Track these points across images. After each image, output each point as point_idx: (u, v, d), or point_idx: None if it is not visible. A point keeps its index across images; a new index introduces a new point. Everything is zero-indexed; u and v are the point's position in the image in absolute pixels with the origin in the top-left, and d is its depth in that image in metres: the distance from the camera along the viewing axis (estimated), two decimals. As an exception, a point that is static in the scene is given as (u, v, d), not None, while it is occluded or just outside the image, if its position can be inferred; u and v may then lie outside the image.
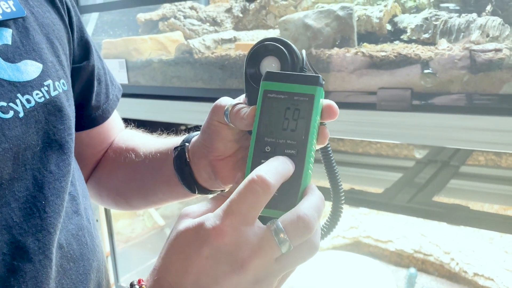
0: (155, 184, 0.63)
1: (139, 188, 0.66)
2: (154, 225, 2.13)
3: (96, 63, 0.66)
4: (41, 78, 0.49)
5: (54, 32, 0.55)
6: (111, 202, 0.72)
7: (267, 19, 1.32)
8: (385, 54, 0.87)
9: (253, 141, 0.42)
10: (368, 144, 1.66)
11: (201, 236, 0.38)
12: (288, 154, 0.41)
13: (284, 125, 0.42)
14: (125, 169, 0.68)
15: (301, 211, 0.38)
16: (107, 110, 0.69)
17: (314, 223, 0.38)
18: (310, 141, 0.41)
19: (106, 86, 0.70)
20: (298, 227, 0.37)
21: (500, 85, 0.78)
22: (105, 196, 0.72)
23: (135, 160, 0.65)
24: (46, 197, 0.48)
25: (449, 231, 1.68)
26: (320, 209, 0.39)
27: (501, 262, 1.53)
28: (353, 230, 1.87)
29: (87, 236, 0.55)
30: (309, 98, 0.41)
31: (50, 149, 0.50)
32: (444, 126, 0.81)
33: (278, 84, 0.42)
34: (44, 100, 0.49)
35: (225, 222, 0.37)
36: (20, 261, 0.45)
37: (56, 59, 0.54)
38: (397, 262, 1.80)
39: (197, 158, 0.55)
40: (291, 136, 0.41)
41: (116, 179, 0.69)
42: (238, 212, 0.37)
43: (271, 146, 0.42)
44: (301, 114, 0.41)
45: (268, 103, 0.42)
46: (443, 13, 0.91)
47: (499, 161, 1.46)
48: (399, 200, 0.99)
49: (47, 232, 0.47)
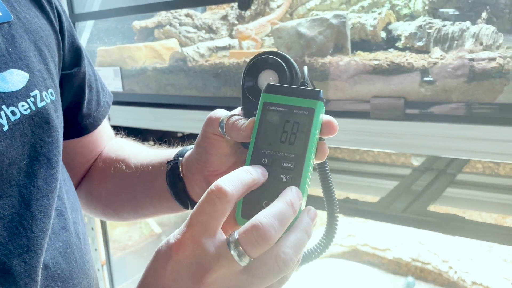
0: (146, 197, 0.62)
1: (129, 200, 0.64)
2: (151, 233, 2.12)
3: (87, 69, 0.64)
4: (27, 88, 0.47)
5: (43, 39, 0.53)
6: (100, 213, 0.70)
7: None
8: (378, 63, 0.86)
9: (250, 153, 0.42)
10: (365, 151, 1.65)
11: (165, 251, 0.37)
12: (285, 167, 0.40)
13: (283, 138, 0.41)
14: (115, 180, 0.66)
15: (256, 219, 0.35)
16: (98, 118, 0.67)
17: (270, 232, 0.35)
18: (308, 155, 0.40)
19: (97, 93, 0.67)
20: (252, 237, 0.35)
21: (493, 94, 0.77)
22: (93, 207, 0.70)
23: (125, 172, 0.64)
24: (33, 215, 0.45)
25: (447, 240, 1.67)
26: (284, 216, 0.36)
27: (499, 271, 1.51)
28: (351, 238, 1.86)
29: (76, 253, 0.53)
30: (309, 112, 0.41)
31: (38, 163, 0.47)
32: (437, 136, 0.80)
33: (278, 97, 0.42)
34: (30, 112, 0.46)
35: (185, 235, 0.36)
36: (5, 285, 0.42)
37: (45, 67, 0.52)
38: (395, 271, 1.79)
39: (191, 173, 0.53)
40: (289, 149, 0.41)
41: (105, 190, 0.67)
42: (197, 223, 0.36)
43: (268, 159, 0.41)
44: (300, 128, 0.41)
45: (268, 115, 0.42)
46: (437, 21, 0.90)
47: (497, 168, 1.45)
48: (395, 209, 0.98)
49: (34, 253, 0.44)
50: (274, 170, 0.40)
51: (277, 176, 0.40)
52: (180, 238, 0.36)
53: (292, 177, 0.40)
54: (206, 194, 0.36)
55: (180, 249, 0.36)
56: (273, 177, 0.40)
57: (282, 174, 0.40)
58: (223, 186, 0.36)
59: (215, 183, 0.36)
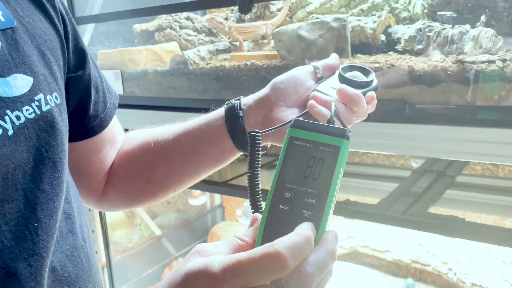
0: (196, 149, 0.66)
1: (182, 164, 0.68)
2: (151, 235, 2.12)
3: (92, 71, 0.65)
4: (31, 92, 0.47)
5: (46, 43, 0.53)
6: (140, 197, 0.73)
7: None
8: (379, 66, 0.87)
9: (273, 186, 0.42)
10: (365, 153, 1.65)
11: (200, 279, 0.36)
12: (307, 202, 0.41)
13: (307, 173, 0.41)
14: (154, 155, 0.69)
15: (303, 268, 0.36)
16: (105, 119, 0.68)
17: (313, 280, 0.36)
18: (331, 192, 0.40)
19: (104, 94, 0.68)
20: (299, 284, 0.35)
21: (493, 97, 0.78)
22: (131, 198, 0.73)
23: (165, 142, 0.67)
24: (39, 218, 0.45)
25: (447, 241, 1.68)
26: (325, 264, 0.37)
27: (498, 272, 1.52)
28: (351, 240, 1.86)
29: (82, 257, 0.53)
30: (334, 150, 0.41)
31: (43, 167, 0.47)
32: (437, 138, 0.80)
33: (305, 133, 0.43)
34: (35, 116, 0.47)
35: (227, 276, 0.35)
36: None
37: (48, 71, 0.52)
38: (395, 272, 1.79)
39: (249, 107, 0.62)
40: (312, 185, 0.41)
41: (146, 167, 0.70)
42: (244, 276, 0.35)
43: (291, 192, 0.41)
44: (324, 164, 0.41)
45: (293, 149, 0.43)
46: (436, 24, 0.91)
47: (496, 170, 1.46)
48: (395, 211, 0.98)
49: (40, 257, 0.45)
50: (296, 205, 0.41)
51: (299, 211, 0.40)
52: (221, 276, 0.35)
53: (314, 213, 0.40)
54: (265, 254, 0.35)
55: (217, 284, 0.35)
56: (295, 211, 0.40)
57: (304, 209, 0.40)
58: (288, 259, 0.35)
59: (280, 251, 0.35)
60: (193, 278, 0.37)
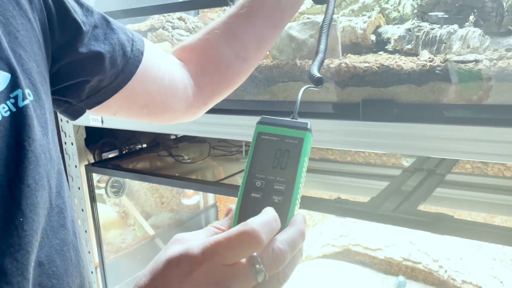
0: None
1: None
2: (145, 235, 2.12)
3: (93, 31, 0.64)
4: (8, 90, 0.46)
5: (17, 39, 0.51)
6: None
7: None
8: (368, 65, 0.88)
9: (245, 177, 0.47)
10: (357, 152, 1.67)
11: (185, 263, 0.40)
12: (277, 189, 0.46)
13: (275, 164, 0.47)
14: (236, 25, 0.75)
15: (275, 245, 0.41)
16: (132, 63, 0.69)
17: (286, 256, 0.41)
18: (298, 179, 0.46)
19: (120, 43, 0.68)
20: (273, 259, 0.40)
21: (480, 96, 0.79)
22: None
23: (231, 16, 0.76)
24: (25, 213, 0.45)
25: (438, 239, 1.69)
26: (296, 242, 0.42)
27: (488, 270, 1.54)
28: (343, 238, 1.88)
29: (72, 251, 0.53)
30: (298, 141, 0.47)
31: (27, 161, 0.47)
32: (427, 137, 0.82)
33: (271, 128, 0.48)
34: (10, 113, 0.46)
35: (207, 255, 0.39)
36: None
37: (20, 68, 0.50)
38: (387, 270, 1.80)
39: None
40: (280, 174, 0.46)
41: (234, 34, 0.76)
42: (222, 254, 0.39)
43: (262, 181, 0.46)
44: (290, 155, 0.46)
45: (261, 143, 0.48)
46: (425, 24, 0.92)
47: (486, 169, 1.47)
48: (385, 209, 0.99)
49: (26, 252, 0.45)
50: (267, 192, 0.46)
51: (269, 197, 0.46)
52: (201, 257, 0.39)
53: (283, 198, 0.45)
54: (241, 232, 0.39)
55: (202, 267, 0.39)
56: (266, 198, 0.46)
57: (274, 195, 0.46)
58: (261, 234, 0.40)
59: (253, 227, 0.40)
60: (175, 263, 0.40)
